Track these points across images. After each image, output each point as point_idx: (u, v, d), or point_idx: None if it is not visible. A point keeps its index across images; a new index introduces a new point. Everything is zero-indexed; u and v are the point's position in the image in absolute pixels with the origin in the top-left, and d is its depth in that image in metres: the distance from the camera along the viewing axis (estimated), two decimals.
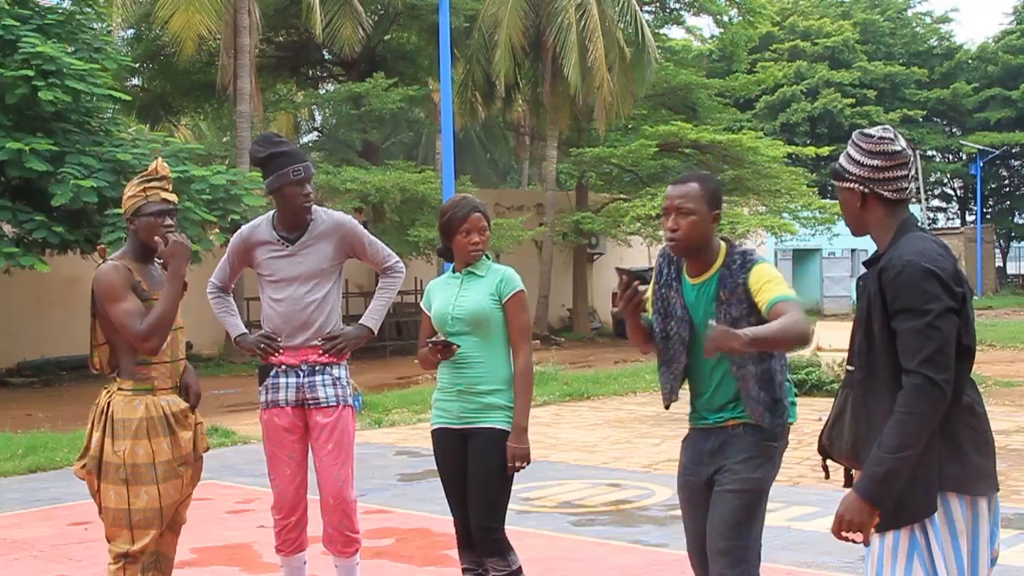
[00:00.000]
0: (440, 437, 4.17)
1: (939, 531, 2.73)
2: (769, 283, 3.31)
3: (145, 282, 4.00)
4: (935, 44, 47.85)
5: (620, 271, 3.37)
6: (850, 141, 2.92)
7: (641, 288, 3.40)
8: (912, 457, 2.67)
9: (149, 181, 4.04)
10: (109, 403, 3.99)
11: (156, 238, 3.96)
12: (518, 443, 4.03)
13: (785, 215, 24.74)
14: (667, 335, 3.51)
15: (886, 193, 2.84)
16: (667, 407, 3.64)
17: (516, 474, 4.08)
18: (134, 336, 3.89)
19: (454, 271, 4.23)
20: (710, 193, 3.41)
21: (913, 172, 2.90)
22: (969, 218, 48.91)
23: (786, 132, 40.88)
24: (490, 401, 4.05)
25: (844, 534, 2.77)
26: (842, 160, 2.92)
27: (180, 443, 4.02)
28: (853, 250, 34.55)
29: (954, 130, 47.28)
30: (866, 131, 2.90)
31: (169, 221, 4.01)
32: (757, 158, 23.73)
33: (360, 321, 4.61)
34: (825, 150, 28.08)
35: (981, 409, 2.83)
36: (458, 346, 4.02)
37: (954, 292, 2.70)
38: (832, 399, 3.26)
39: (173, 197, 4.08)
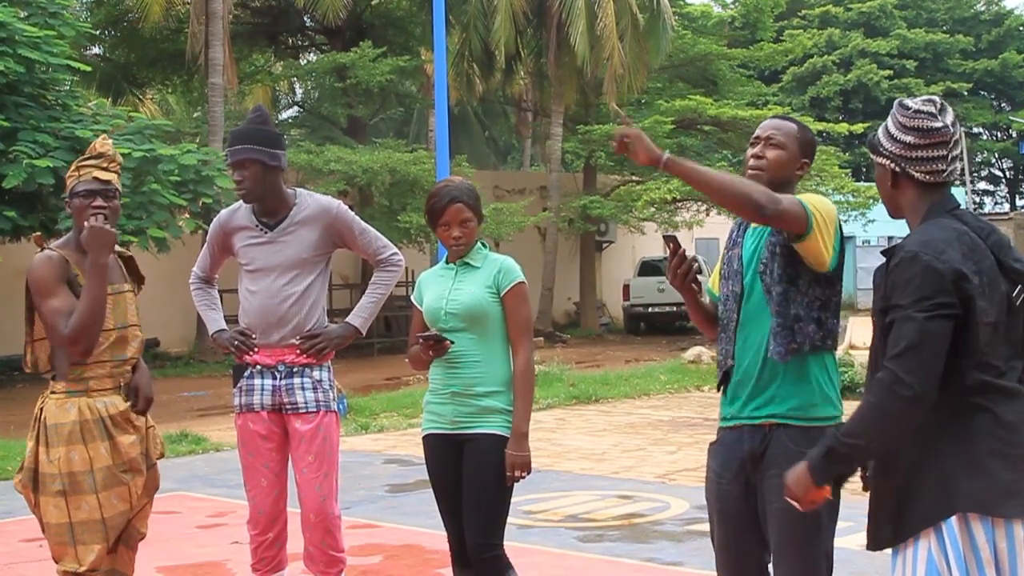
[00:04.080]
0: (432, 444, 4.17)
1: (962, 559, 2.67)
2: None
3: (84, 275, 3.97)
4: (982, 9, 47.74)
5: (667, 237, 3.48)
6: (891, 111, 2.90)
7: (690, 256, 3.49)
8: (864, 449, 2.76)
9: (85, 160, 4.05)
10: (42, 408, 3.99)
11: (84, 222, 3.94)
12: (518, 450, 4.03)
13: None
14: (726, 297, 3.54)
15: (917, 174, 2.81)
16: (720, 387, 3.57)
17: (516, 485, 4.08)
18: (60, 339, 3.89)
19: (447, 261, 4.22)
20: (806, 140, 3.50)
21: (957, 152, 2.84)
22: (1020, 202, 48.87)
23: (816, 107, 40.85)
24: (487, 404, 4.05)
25: (787, 498, 2.94)
26: (880, 131, 2.90)
27: (120, 448, 3.98)
28: (890, 238, 34.53)
29: (1003, 105, 47.23)
30: (906, 101, 2.87)
31: (100, 202, 3.98)
32: None
33: (347, 319, 4.60)
34: (859, 127, 28.03)
35: (1014, 418, 2.74)
36: (452, 342, 4.03)
37: (955, 290, 2.67)
38: None
39: (109, 176, 4.05)
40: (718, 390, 3.59)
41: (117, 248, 4.23)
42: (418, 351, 4.09)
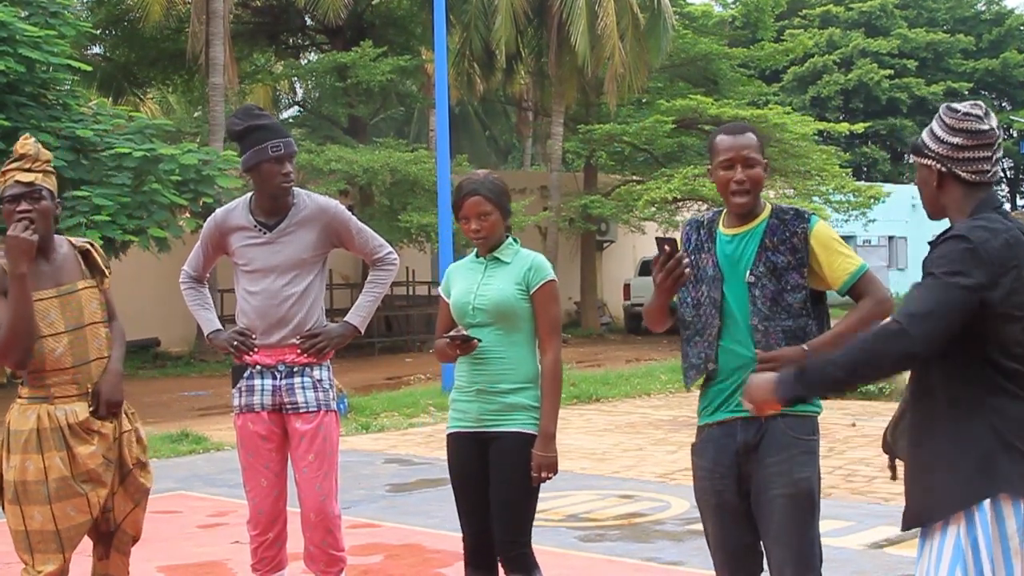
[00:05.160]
0: (456, 441, 4.14)
1: (990, 541, 2.74)
2: (840, 251, 3.55)
3: (31, 280, 3.85)
4: (983, 9, 47.76)
5: (661, 240, 3.42)
6: (936, 115, 2.99)
7: (685, 260, 3.42)
8: (838, 382, 2.83)
9: (9, 163, 3.95)
10: (8, 413, 3.96)
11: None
12: (545, 451, 4.03)
13: (816, 199, 24.72)
14: (699, 302, 3.56)
15: (964, 174, 2.91)
16: (699, 379, 3.56)
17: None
18: None
19: (477, 255, 4.19)
20: (762, 143, 3.63)
21: (1000, 154, 2.97)
22: (1020, 202, 48.85)
23: (817, 107, 40.87)
24: (513, 401, 4.03)
25: (742, 400, 3.06)
26: (924, 134, 2.99)
27: (78, 459, 3.91)
28: (891, 237, 34.56)
29: (1004, 104, 47.25)
30: (953, 105, 2.96)
31: (24, 206, 3.86)
32: (785, 136, 23.70)
33: (345, 318, 4.60)
34: (860, 126, 28.01)
35: None
36: (479, 340, 3.99)
37: (988, 276, 2.73)
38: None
39: (31, 177, 3.92)
40: (688, 389, 3.64)
41: (76, 242, 4.13)
42: (444, 346, 4.05)
